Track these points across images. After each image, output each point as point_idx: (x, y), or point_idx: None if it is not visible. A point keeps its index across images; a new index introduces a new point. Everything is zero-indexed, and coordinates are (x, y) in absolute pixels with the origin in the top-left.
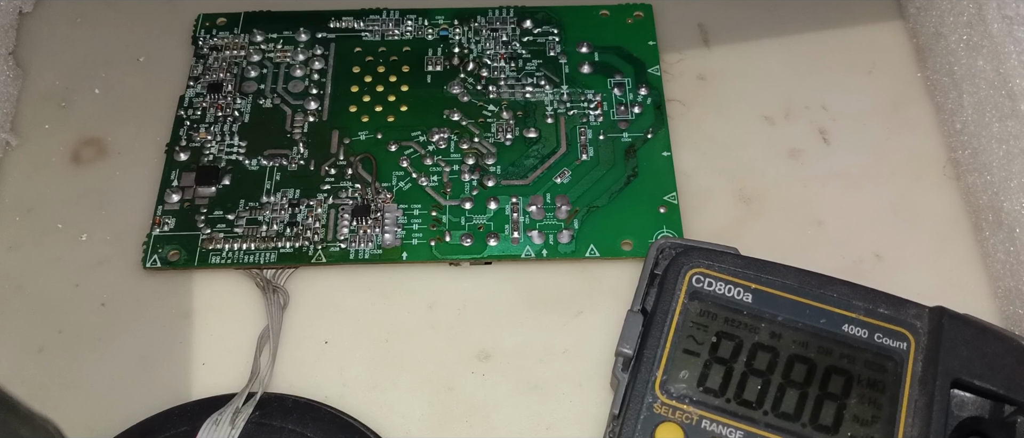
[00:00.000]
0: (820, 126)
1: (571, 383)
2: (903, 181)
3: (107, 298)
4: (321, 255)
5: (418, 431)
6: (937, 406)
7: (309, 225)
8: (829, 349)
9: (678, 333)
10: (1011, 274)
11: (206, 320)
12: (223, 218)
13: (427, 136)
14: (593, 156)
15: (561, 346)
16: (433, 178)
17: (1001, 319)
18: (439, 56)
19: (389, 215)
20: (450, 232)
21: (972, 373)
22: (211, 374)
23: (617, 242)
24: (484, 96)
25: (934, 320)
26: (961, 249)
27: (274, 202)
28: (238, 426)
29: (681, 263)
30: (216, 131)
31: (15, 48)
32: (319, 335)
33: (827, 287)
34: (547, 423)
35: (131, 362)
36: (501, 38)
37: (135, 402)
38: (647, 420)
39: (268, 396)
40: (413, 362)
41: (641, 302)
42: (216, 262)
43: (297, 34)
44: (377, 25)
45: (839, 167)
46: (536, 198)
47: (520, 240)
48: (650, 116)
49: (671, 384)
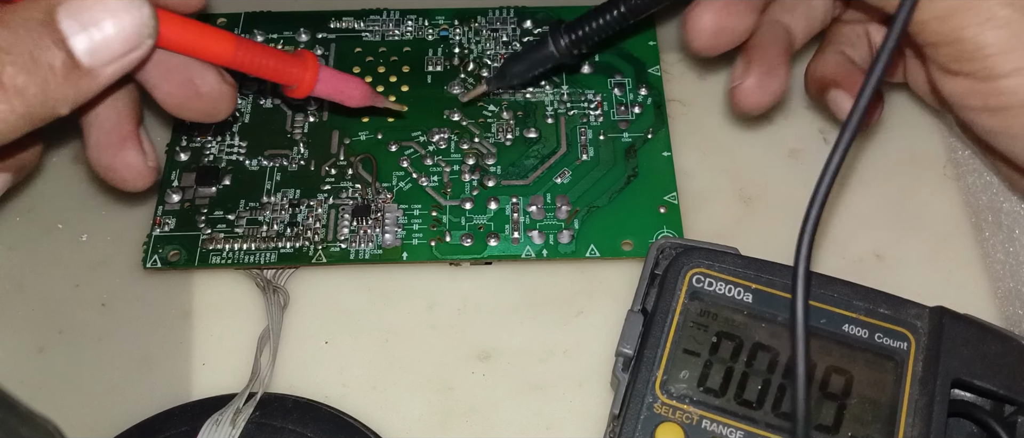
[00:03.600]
0: (820, 126)
1: (571, 383)
2: (903, 181)
3: (107, 298)
4: (321, 255)
5: (418, 431)
6: (937, 406)
7: (309, 225)
8: (829, 349)
9: (678, 333)
10: (1011, 275)
11: (206, 320)
12: (223, 218)
13: (427, 136)
14: (593, 156)
15: (561, 346)
16: (433, 178)
17: (1001, 319)
18: (439, 56)
19: (389, 215)
20: (450, 232)
21: (972, 373)
22: (211, 374)
23: (617, 242)
24: (484, 96)
25: (935, 320)
26: (961, 249)
27: (274, 202)
28: (238, 426)
29: (681, 263)
30: (216, 131)
31: None
32: (319, 335)
33: (827, 287)
34: (547, 423)
35: (131, 362)
36: (501, 38)
37: (135, 402)
38: (647, 420)
39: (268, 396)
40: (413, 362)
41: (641, 302)
42: (216, 262)
43: (297, 34)
44: (377, 25)
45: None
46: (536, 198)
47: (520, 240)
48: (650, 116)
49: (671, 384)
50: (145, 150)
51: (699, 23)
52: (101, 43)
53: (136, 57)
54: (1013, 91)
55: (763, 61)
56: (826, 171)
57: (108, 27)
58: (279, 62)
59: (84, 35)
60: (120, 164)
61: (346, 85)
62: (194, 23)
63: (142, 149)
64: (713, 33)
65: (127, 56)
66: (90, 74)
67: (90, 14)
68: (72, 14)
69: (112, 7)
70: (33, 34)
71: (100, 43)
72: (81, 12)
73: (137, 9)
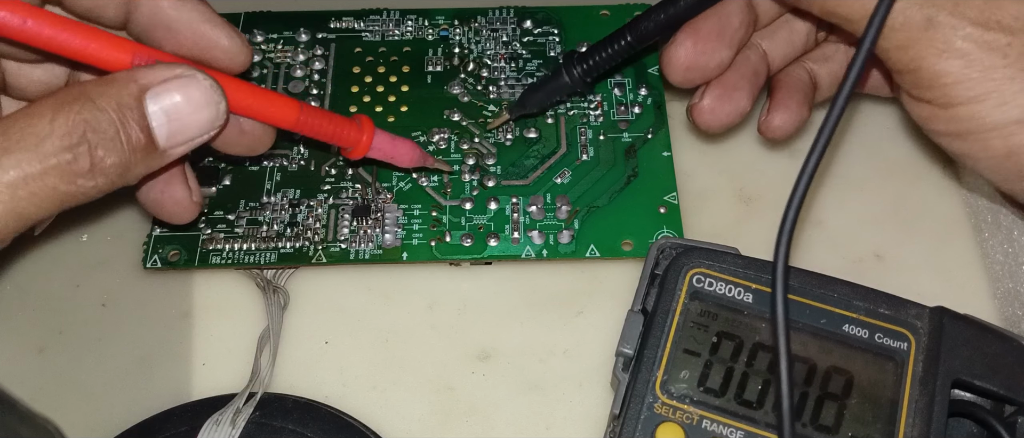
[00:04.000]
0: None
1: (571, 383)
2: (903, 181)
3: (107, 298)
4: (321, 255)
5: (418, 431)
6: (938, 406)
7: (309, 225)
8: (830, 349)
9: (679, 333)
10: (1010, 275)
11: (206, 320)
12: (223, 218)
13: (427, 136)
14: (593, 156)
15: (561, 346)
16: (433, 178)
17: (1001, 320)
18: (439, 56)
19: (389, 215)
20: (450, 232)
21: (973, 373)
22: (211, 374)
23: (617, 242)
24: (484, 96)
25: (935, 320)
26: (961, 249)
27: (274, 202)
28: (238, 426)
29: (681, 263)
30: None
31: None
32: (319, 335)
33: (827, 287)
34: (547, 423)
35: (131, 362)
36: (501, 38)
37: (135, 402)
38: (647, 420)
39: (268, 396)
40: (413, 362)
41: (642, 302)
42: (216, 262)
43: (297, 34)
44: (377, 25)
45: (839, 167)
46: (536, 198)
47: (520, 240)
48: (650, 116)
49: (672, 384)
50: (191, 186)
51: (673, 59)
52: (179, 130)
53: (205, 140)
54: (970, 117)
55: (721, 83)
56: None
57: (189, 117)
58: (337, 126)
59: (166, 122)
60: (167, 199)
61: (399, 148)
62: (263, 92)
63: (188, 185)
64: (685, 68)
65: (198, 139)
66: (164, 154)
67: (174, 105)
68: (158, 101)
69: (196, 101)
70: (122, 116)
71: (178, 130)
72: (166, 100)
73: (216, 104)
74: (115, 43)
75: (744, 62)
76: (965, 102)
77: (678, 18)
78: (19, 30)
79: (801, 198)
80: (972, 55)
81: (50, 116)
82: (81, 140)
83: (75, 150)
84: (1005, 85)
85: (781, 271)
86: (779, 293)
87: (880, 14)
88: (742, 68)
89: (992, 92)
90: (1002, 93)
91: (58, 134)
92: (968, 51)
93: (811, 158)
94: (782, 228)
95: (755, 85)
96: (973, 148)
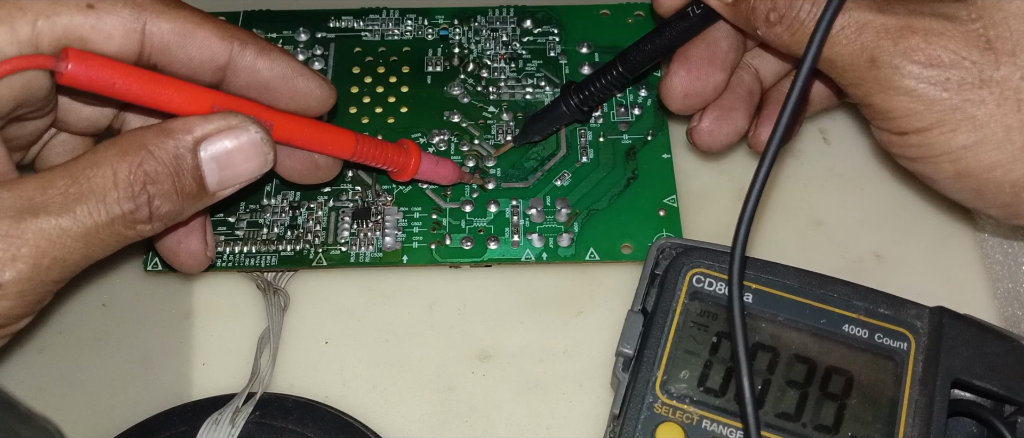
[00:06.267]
0: (820, 126)
1: (571, 383)
2: (903, 181)
3: (108, 299)
4: (322, 258)
5: (418, 431)
6: (938, 406)
7: (310, 228)
8: (829, 349)
9: (678, 333)
10: (1010, 276)
11: (206, 321)
12: (224, 221)
13: (427, 138)
14: (593, 158)
15: (561, 346)
16: None
17: (1000, 320)
18: (439, 56)
19: (389, 218)
20: (450, 235)
21: (973, 373)
22: (211, 374)
23: (617, 245)
24: (484, 97)
25: (935, 320)
26: (961, 249)
27: (275, 205)
28: (238, 426)
29: (681, 263)
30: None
31: None
32: (319, 336)
33: (827, 287)
34: (547, 423)
35: (131, 362)
36: (501, 38)
37: (135, 402)
38: (647, 420)
39: (268, 396)
40: (413, 362)
41: (641, 302)
42: (217, 265)
43: (297, 34)
44: (377, 25)
45: (839, 167)
46: (536, 201)
47: (520, 243)
48: (650, 118)
49: (671, 384)
50: (207, 240)
51: (670, 88)
52: (230, 177)
53: (248, 182)
54: (921, 144)
55: (718, 106)
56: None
57: (239, 165)
58: (389, 154)
59: (217, 169)
60: (183, 251)
61: (441, 169)
62: (324, 128)
63: (205, 240)
64: (683, 96)
65: (244, 184)
66: (213, 197)
67: (226, 152)
68: (212, 152)
69: (247, 152)
70: (178, 167)
71: (229, 177)
72: (218, 147)
73: (265, 155)
74: (196, 94)
75: (739, 83)
76: (915, 131)
77: (665, 47)
78: (108, 88)
79: (759, 193)
80: (916, 91)
81: (113, 166)
82: (141, 191)
83: (136, 200)
84: (949, 115)
85: (738, 259)
86: (735, 286)
87: (814, 47)
88: (737, 89)
89: (938, 122)
90: (947, 122)
91: (122, 186)
92: (912, 88)
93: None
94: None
95: (750, 105)
96: (928, 170)
